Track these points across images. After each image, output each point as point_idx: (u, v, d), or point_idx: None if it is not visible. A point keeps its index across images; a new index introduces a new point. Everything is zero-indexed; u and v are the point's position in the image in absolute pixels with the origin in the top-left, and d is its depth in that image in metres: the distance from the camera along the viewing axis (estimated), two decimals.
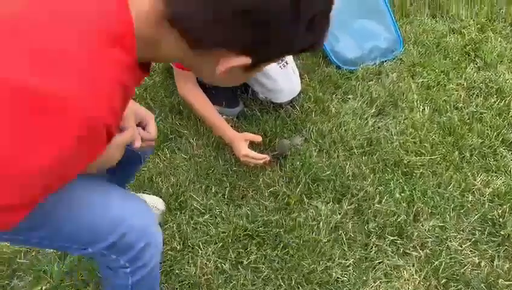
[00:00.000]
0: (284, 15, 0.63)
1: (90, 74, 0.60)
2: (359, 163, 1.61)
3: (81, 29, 0.60)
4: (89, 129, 0.60)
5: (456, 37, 2.05)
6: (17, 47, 0.58)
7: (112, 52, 0.62)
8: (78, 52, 0.59)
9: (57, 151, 0.60)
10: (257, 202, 1.52)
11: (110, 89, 0.62)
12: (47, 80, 0.57)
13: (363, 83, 1.87)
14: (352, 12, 2.06)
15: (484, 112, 1.76)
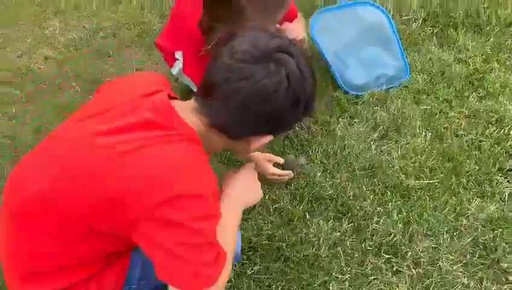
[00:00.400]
0: (287, 111, 0.97)
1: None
2: (360, 184, 1.71)
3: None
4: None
5: (461, 66, 2.14)
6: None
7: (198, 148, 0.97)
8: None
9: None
10: (263, 217, 1.63)
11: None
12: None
13: (369, 108, 1.98)
14: (362, 41, 2.17)
15: (483, 140, 1.85)
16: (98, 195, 0.89)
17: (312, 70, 0.99)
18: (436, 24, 2.34)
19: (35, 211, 0.95)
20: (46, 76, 2.17)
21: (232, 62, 0.93)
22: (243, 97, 0.93)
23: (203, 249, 0.90)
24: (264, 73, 0.92)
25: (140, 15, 2.47)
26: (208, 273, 0.91)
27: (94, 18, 2.48)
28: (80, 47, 2.31)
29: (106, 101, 1.03)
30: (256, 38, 0.95)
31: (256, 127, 1.00)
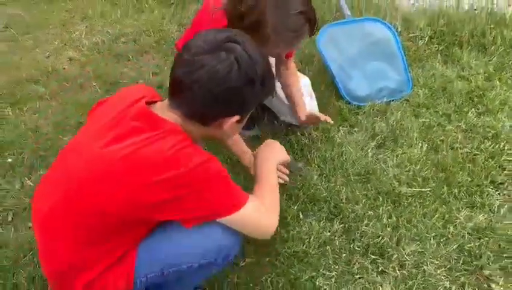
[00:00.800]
0: (244, 90, 1.10)
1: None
2: (354, 189, 1.79)
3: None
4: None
5: (463, 83, 2.21)
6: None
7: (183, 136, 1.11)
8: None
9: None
10: None
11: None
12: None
13: (369, 119, 2.07)
14: (367, 55, 2.27)
15: (478, 153, 1.91)
16: (116, 191, 1.05)
17: (261, 54, 1.14)
18: (442, 42, 2.42)
19: (59, 220, 1.11)
20: (69, 76, 2.34)
21: (188, 57, 1.08)
22: (202, 84, 1.07)
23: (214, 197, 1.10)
24: (216, 60, 1.06)
25: (160, 23, 2.63)
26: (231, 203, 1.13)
27: (117, 25, 2.66)
28: (102, 50, 2.48)
29: (98, 119, 1.18)
30: (206, 34, 1.11)
31: (221, 108, 1.12)
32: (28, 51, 2.53)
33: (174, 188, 1.05)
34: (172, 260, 1.19)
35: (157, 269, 1.19)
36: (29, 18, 2.76)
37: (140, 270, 1.18)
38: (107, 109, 1.20)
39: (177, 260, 1.19)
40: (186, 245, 1.17)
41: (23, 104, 2.19)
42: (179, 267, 1.19)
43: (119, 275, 1.18)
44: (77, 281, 1.15)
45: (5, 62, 2.45)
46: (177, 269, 1.20)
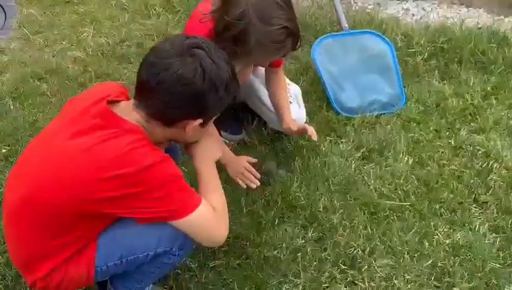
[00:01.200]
0: (207, 94, 1.15)
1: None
2: (332, 198, 1.78)
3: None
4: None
5: (458, 100, 2.18)
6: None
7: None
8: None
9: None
10: (235, 217, 1.73)
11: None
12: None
13: (357, 130, 2.06)
14: (361, 68, 2.27)
15: (464, 171, 1.87)
16: (69, 186, 1.11)
17: (226, 61, 1.19)
18: (441, 59, 2.40)
19: (22, 213, 1.18)
20: (71, 74, 2.42)
21: (154, 59, 1.14)
22: (167, 86, 1.12)
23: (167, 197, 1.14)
24: (181, 64, 1.12)
25: (165, 29, 2.69)
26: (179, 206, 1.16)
27: (124, 28, 2.73)
28: (106, 52, 2.55)
29: (66, 114, 1.25)
30: (174, 39, 1.19)
31: (184, 111, 1.17)
32: (36, 49, 2.63)
33: (123, 187, 1.09)
34: (129, 248, 1.23)
35: (116, 257, 1.23)
36: (42, 19, 2.86)
37: (101, 259, 1.23)
38: (76, 105, 1.26)
39: (134, 248, 1.23)
40: (142, 233, 1.21)
41: (24, 99, 2.27)
42: (135, 255, 1.23)
43: (80, 264, 1.23)
44: (40, 269, 1.20)
45: (14, 59, 2.55)
46: (134, 258, 1.24)
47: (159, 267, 1.30)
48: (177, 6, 2.85)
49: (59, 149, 1.14)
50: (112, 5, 2.95)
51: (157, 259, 1.26)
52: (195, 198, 1.20)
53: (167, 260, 1.27)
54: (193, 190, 1.21)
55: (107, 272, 1.27)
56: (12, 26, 2.84)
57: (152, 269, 1.30)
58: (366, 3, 2.80)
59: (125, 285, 1.38)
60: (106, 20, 2.82)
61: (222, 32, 1.49)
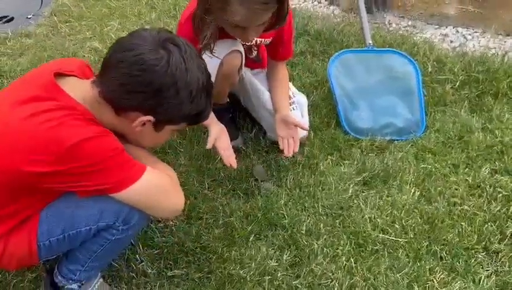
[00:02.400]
0: (165, 90, 1.07)
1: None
2: (319, 222, 1.59)
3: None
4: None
5: (485, 135, 1.93)
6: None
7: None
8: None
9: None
10: (208, 226, 1.59)
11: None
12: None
13: (364, 153, 1.86)
14: (380, 88, 2.08)
15: (478, 213, 1.62)
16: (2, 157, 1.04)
17: (202, 68, 1.12)
18: (474, 90, 2.15)
19: None
20: None
21: (126, 40, 1.09)
22: (125, 65, 1.05)
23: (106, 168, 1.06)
24: (148, 50, 1.05)
25: None
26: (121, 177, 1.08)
27: (148, 25, 2.71)
28: None
29: (21, 81, 1.19)
30: (156, 30, 1.12)
31: (136, 98, 1.08)
32: (60, 37, 2.65)
33: (52, 163, 1.01)
34: (72, 222, 1.15)
35: (58, 231, 1.16)
36: (74, 9, 2.90)
37: (43, 234, 1.16)
38: (31, 73, 1.19)
39: (76, 222, 1.15)
40: (84, 206, 1.14)
41: None
42: (77, 229, 1.16)
43: (20, 239, 1.15)
44: None
45: (36, 43, 2.59)
46: (77, 232, 1.16)
47: (102, 245, 1.21)
48: None
49: (8, 114, 1.06)
50: (142, 3, 2.96)
51: (100, 235, 1.18)
52: (137, 168, 1.11)
53: (110, 236, 1.19)
54: (135, 161, 1.11)
55: (51, 248, 1.18)
56: (45, 13, 2.91)
57: (95, 247, 1.21)
58: (400, 24, 2.61)
59: (69, 268, 1.29)
60: (133, 17, 2.82)
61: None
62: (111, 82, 1.07)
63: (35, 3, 3.01)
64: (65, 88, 1.08)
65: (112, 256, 1.36)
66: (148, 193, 1.14)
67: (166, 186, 1.18)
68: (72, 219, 1.15)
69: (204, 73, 1.13)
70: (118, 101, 1.09)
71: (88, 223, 1.15)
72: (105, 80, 1.09)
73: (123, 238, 1.22)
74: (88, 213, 1.15)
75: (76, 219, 1.15)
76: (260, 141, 1.92)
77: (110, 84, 1.08)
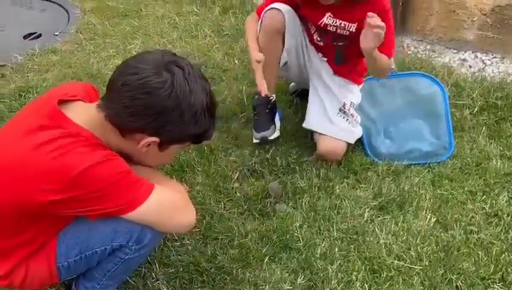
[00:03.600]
0: (170, 112, 1.09)
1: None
2: (334, 246, 1.60)
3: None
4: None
5: (503, 162, 1.92)
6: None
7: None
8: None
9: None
10: (223, 247, 1.61)
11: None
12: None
13: (380, 177, 1.87)
14: (406, 112, 2.10)
15: (495, 242, 1.61)
16: (14, 186, 1.07)
17: (206, 89, 1.14)
18: (493, 116, 2.15)
19: None
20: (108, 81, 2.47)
21: (131, 62, 1.11)
22: (130, 88, 1.08)
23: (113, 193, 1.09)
24: (152, 73, 1.08)
25: (208, 50, 2.70)
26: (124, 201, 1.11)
27: (170, 44, 2.78)
28: None
29: (27, 109, 1.24)
30: (160, 52, 1.15)
31: (141, 120, 1.10)
32: (85, 54, 2.73)
33: (61, 191, 1.05)
34: (87, 243, 1.19)
35: (74, 253, 1.20)
36: (99, 27, 2.99)
37: (61, 256, 1.20)
38: (37, 101, 1.24)
39: (91, 243, 1.19)
40: (98, 228, 1.17)
41: None
42: (93, 250, 1.19)
43: (40, 262, 1.19)
44: (3, 266, 1.17)
45: (62, 60, 2.67)
46: (92, 253, 1.20)
47: (116, 264, 1.24)
48: (226, 31, 2.86)
49: (8, 147, 1.11)
50: (165, 22, 3.02)
51: (114, 254, 1.21)
52: (145, 189, 1.14)
53: (124, 255, 1.22)
54: (142, 180, 1.14)
55: (70, 269, 1.22)
56: (71, 30, 3.00)
57: (110, 266, 1.24)
58: (419, 48, 2.63)
59: (85, 285, 1.32)
60: (156, 36, 2.88)
61: None
62: (116, 105, 1.10)
63: (63, 21, 3.11)
64: (70, 114, 1.12)
65: (126, 274, 1.39)
66: (157, 212, 1.16)
67: (176, 203, 1.21)
68: (87, 240, 1.19)
69: (208, 94, 1.15)
70: (123, 123, 1.12)
71: (102, 244, 1.19)
72: (110, 104, 1.11)
73: (137, 257, 1.25)
74: (102, 235, 1.18)
75: (91, 240, 1.19)
76: (276, 161, 1.94)
77: (115, 108, 1.10)
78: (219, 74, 2.50)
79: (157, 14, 3.09)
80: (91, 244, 1.19)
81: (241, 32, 2.83)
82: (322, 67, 1.92)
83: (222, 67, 2.54)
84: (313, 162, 1.92)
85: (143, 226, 1.18)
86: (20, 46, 2.79)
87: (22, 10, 3.18)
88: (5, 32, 2.95)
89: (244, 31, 1.98)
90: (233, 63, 2.56)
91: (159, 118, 1.10)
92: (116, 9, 3.17)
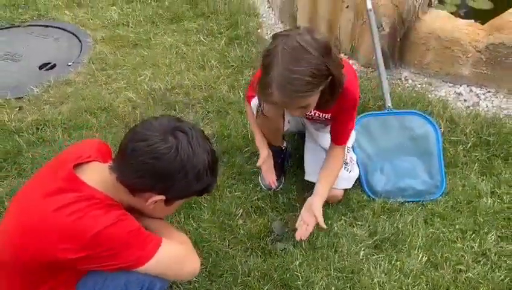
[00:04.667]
0: (175, 174, 1.23)
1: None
2: (331, 285, 1.72)
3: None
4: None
5: (493, 200, 2.03)
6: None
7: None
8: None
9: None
10: (228, 285, 1.74)
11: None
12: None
13: (376, 215, 1.98)
14: (400, 150, 2.21)
15: (482, 282, 1.72)
16: (35, 245, 1.20)
17: (207, 149, 1.29)
18: (485, 152, 2.26)
19: (6, 261, 1.27)
20: (120, 113, 2.60)
21: (139, 129, 1.25)
22: (139, 154, 1.22)
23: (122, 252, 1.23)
24: (159, 140, 1.22)
25: (214, 82, 2.82)
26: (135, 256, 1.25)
27: (178, 76, 2.90)
28: (155, 97, 2.72)
29: (45, 170, 1.36)
30: (165, 119, 1.30)
31: (149, 182, 1.25)
32: (97, 85, 2.87)
33: (79, 250, 1.18)
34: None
35: None
36: (110, 57, 3.12)
37: None
38: (53, 163, 1.38)
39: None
40: (112, 279, 1.30)
41: (73, 131, 2.48)
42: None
43: None
44: None
45: (76, 92, 2.80)
46: None
47: None
48: (231, 62, 2.98)
49: (30, 208, 1.24)
50: (173, 52, 3.15)
51: None
52: (153, 244, 1.28)
53: None
54: (151, 236, 1.29)
55: None
56: (84, 60, 3.14)
57: None
58: (416, 81, 2.73)
59: None
60: (164, 66, 3.01)
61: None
62: (126, 168, 1.24)
63: (76, 50, 3.25)
64: (85, 177, 1.25)
65: None
66: (164, 265, 1.30)
67: (181, 255, 1.36)
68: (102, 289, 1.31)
69: (209, 153, 1.30)
70: (132, 184, 1.26)
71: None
72: (121, 167, 1.26)
73: None
74: (116, 285, 1.31)
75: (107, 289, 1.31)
76: (278, 198, 2.07)
77: (125, 170, 1.25)
78: (224, 107, 2.63)
79: (166, 44, 3.22)
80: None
81: (245, 64, 2.96)
82: (311, 124, 2.05)
83: (227, 100, 2.67)
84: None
85: (153, 276, 1.31)
86: (35, 77, 2.94)
87: (37, 39, 3.33)
88: (21, 63, 3.10)
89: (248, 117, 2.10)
90: (238, 96, 2.69)
91: (166, 180, 1.25)
92: (127, 38, 3.30)
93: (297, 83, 1.42)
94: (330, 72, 1.46)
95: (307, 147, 2.09)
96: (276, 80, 1.42)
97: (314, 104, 1.56)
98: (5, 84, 2.85)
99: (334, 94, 1.56)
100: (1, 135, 2.39)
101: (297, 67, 1.40)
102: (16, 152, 2.30)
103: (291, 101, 1.49)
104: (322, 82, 1.46)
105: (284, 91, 1.44)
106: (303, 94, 1.46)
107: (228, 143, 2.36)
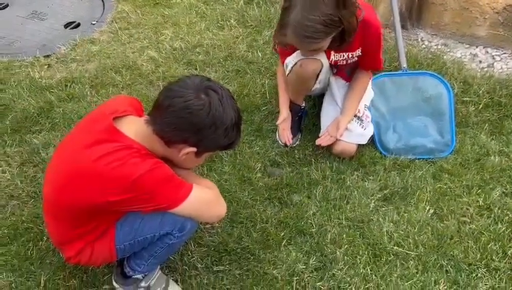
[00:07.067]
0: (207, 128, 1.36)
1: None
2: (342, 233, 1.86)
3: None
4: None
5: (500, 159, 2.12)
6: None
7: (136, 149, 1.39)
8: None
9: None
10: (247, 230, 1.89)
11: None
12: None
13: (386, 171, 2.10)
14: (413, 109, 2.29)
15: (483, 233, 1.84)
16: (83, 191, 1.36)
17: (234, 107, 1.41)
18: (496, 113, 2.33)
19: (48, 208, 1.48)
20: (144, 72, 2.71)
21: (174, 87, 1.37)
22: (175, 110, 1.34)
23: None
24: (193, 96, 1.34)
25: (234, 42, 2.90)
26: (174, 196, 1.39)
27: (198, 35, 2.98)
28: (177, 56, 2.82)
29: (85, 123, 1.51)
30: (197, 78, 1.40)
31: (183, 135, 1.38)
32: (121, 44, 2.97)
33: (121, 193, 1.33)
34: (140, 231, 1.49)
35: (130, 238, 1.50)
36: (132, 16, 3.20)
37: (119, 240, 1.50)
38: (92, 116, 1.51)
39: (143, 231, 1.49)
40: (149, 219, 1.47)
41: (100, 88, 2.60)
42: (144, 236, 1.50)
43: (103, 245, 1.51)
44: (70, 250, 1.51)
45: (101, 50, 2.91)
46: (144, 238, 1.50)
47: (162, 247, 1.53)
48: (250, 22, 3.04)
49: (73, 158, 1.39)
50: (193, 12, 3.21)
51: (161, 239, 1.51)
52: (186, 189, 1.41)
53: (168, 241, 1.51)
54: (183, 182, 1.42)
55: (125, 250, 1.53)
56: (107, 19, 3.22)
57: (156, 248, 1.54)
58: (432, 42, 2.77)
59: (136, 262, 1.62)
60: (185, 26, 3.09)
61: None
62: (163, 122, 1.36)
63: (99, 9, 3.33)
64: (123, 129, 1.38)
65: (169, 255, 1.68)
66: (196, 207, 1.45)
67: (210, 200, 1.50)
68: (140, 229, 1.48)
69: (236, 111, 1.42)
70: (168, 137, 1.38)
71: (152, 232, 1.48)
72: (158, 120, 1.38)
73: (178, 242, 1.54)
74: (152, 224, 1.47)
75: (143, 228, 1.48)
76: (295, 153, 2.19)
77: (162, 124, 1.37)
78: (243, 66, 2.71)
79: (186, 3, 3.27)
80: (143, 232, 1.48)
81: (264, 24, 3.02)
82: (335, 81, 2.15)
83: (246, 60, 2.75)
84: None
85: (184, 217, 1.47)
86: (62, 36, 3.05)
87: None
88: (47, 22, 3.20)
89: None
90: (256, 56, 2.76)
91: (198, 133, 1.37)
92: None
93: (310, 30, 1.64)
94: (342, 22, 1.64)
95: (325, 108, 2.19)
96: (291, 24, 1.64)
97: (325, 47, 1.77)
98: (34, 43, 2.97)
99: (349, 38, 1.74)
100: (34, 92, 2.53)
101: (312, 15, 1.60)
102: (49, 107, 2.45)
103: (302, 44, 1.76)
104: (333, 31, 1.67)
105: (297, 35, 1.68)
106: (314, 40, 1.69)
107: (247, 101, 2.47)
